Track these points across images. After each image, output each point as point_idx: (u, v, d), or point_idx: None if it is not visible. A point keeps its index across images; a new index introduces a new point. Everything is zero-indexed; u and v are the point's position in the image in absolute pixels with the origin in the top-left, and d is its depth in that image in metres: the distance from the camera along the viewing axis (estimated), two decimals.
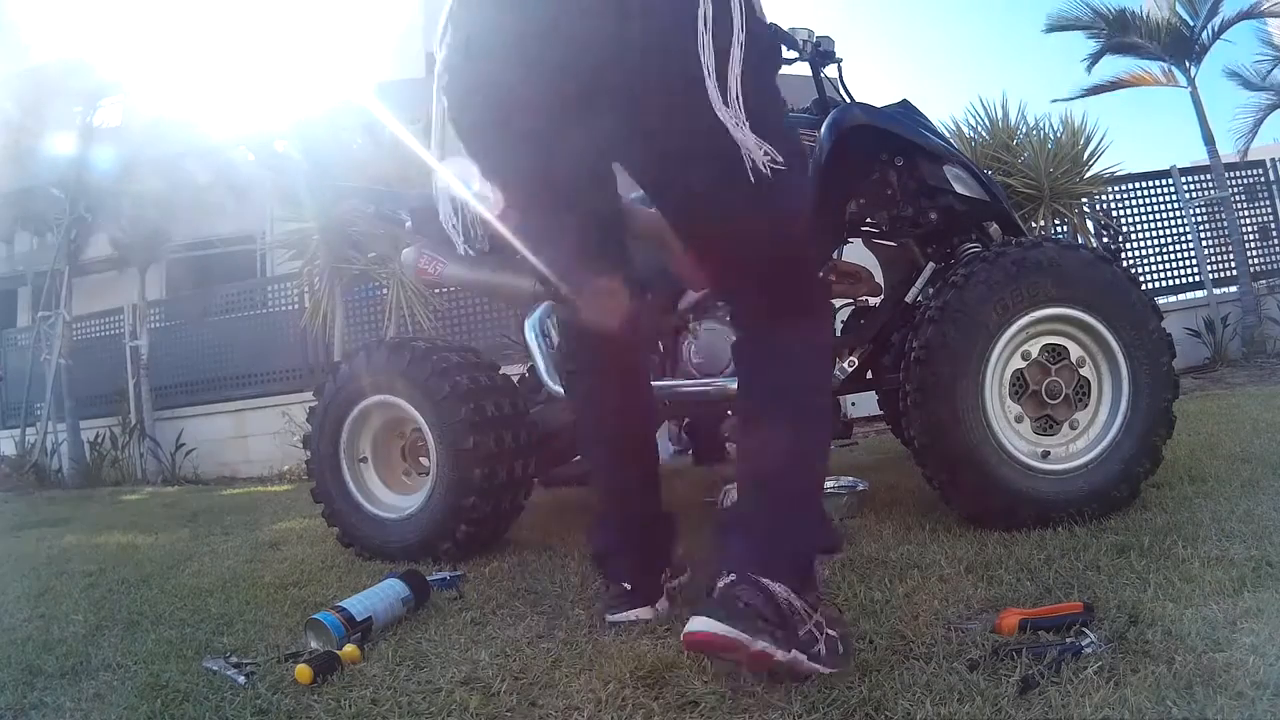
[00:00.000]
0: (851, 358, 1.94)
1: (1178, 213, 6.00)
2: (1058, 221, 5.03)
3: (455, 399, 1.83)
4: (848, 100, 1.97)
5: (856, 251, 2.16)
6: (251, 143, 7.27)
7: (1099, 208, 5.53)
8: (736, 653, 0.92)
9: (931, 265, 1.94)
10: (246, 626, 1.45)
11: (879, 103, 1.89)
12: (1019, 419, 1.67)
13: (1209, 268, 5.92)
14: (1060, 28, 6.45)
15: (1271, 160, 6.34)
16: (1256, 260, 6.06)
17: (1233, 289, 5.88)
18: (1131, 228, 5.90)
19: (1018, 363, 1.67)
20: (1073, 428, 1.69)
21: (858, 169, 1.90)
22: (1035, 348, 1.67)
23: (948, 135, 2.43)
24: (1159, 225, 5.99)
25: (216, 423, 6.33)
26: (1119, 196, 5.89)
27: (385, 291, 5.32)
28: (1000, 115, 4.96)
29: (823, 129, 1.83)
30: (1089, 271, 1.65)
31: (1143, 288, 1.72)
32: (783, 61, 1.38)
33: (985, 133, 4.96)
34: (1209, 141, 6.26)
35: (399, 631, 1.33)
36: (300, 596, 1.65)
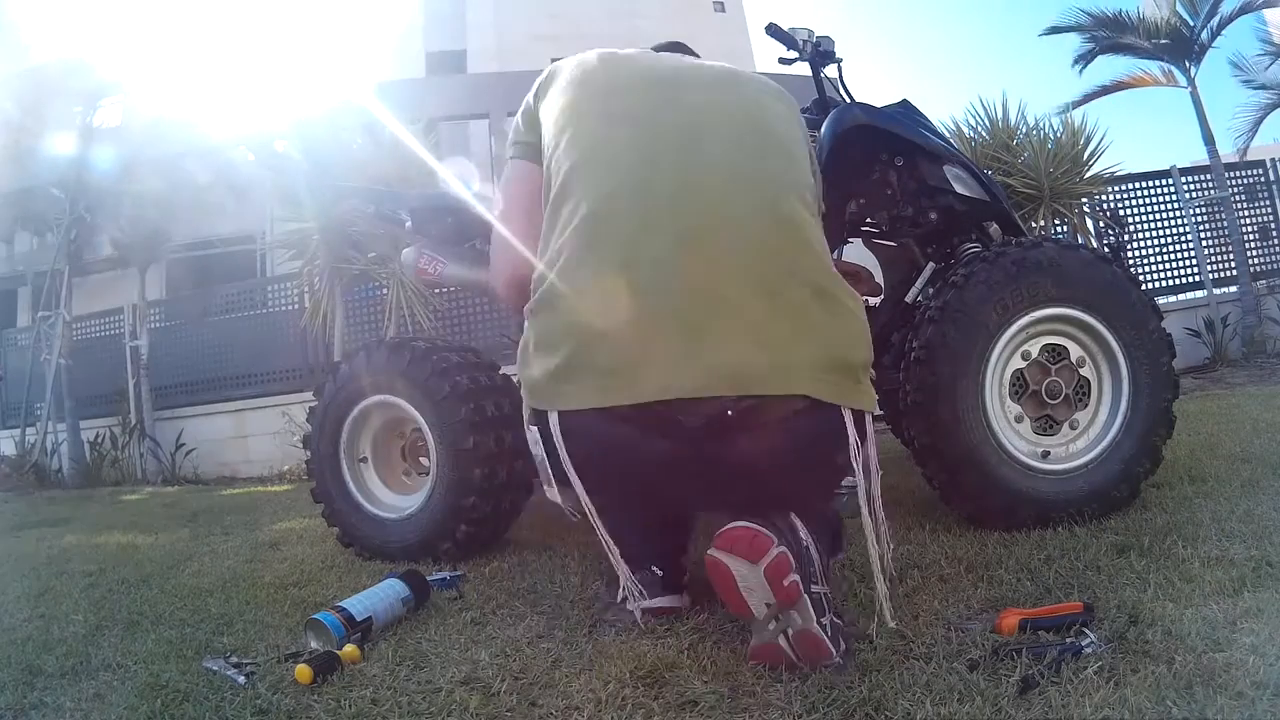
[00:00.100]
0: None
1: (1178, 213, 5.99)
2: (1058, 221, 5.02)
3: (455, 399, 1.83)
4: (848, 100, 1.97)
5: (856, 251, 2.15)
6: (251, 143, 7.29)
7: (1102, 207, 5.51)
8: (764, 553, 1.00)
9: (931, 265, 1.94)
10: (246, 626, 1.45)
11: (879, 103, 1.90)
12: (1019, 419, 1.67)
13: (1209, 268, 5.91)
14: (1057, 31, 6.45)
15: (1271, 160, 6.33)
16: (1256, 260, 6.05)
17: (1233, 289, 5.88)
18: (1132, 228, 5.89)
19: (1018, 363, 1.67)
20: (1073, 428, 1.69)
21: (858, 169, 1.90)
22: (1035, 348, 1.67)
23: (948, 135, 2.43)
24: (1159, 225, 5.99)
25: (216, 423, 6.33)
26: (1119, 196, 5.88)
27: (385, 291, 5.32)
28: (1000, 115, 4.95)
29: (823, 129, 1.83)
30: (1089, 271, 1.65)
31: (1143, 288, 1.72)
32: None
33: (985, 133, 4.95)
34: (1209, 141, 6.26)
35: (399, 631, 1.33)
36: (300, 596, 1.65)
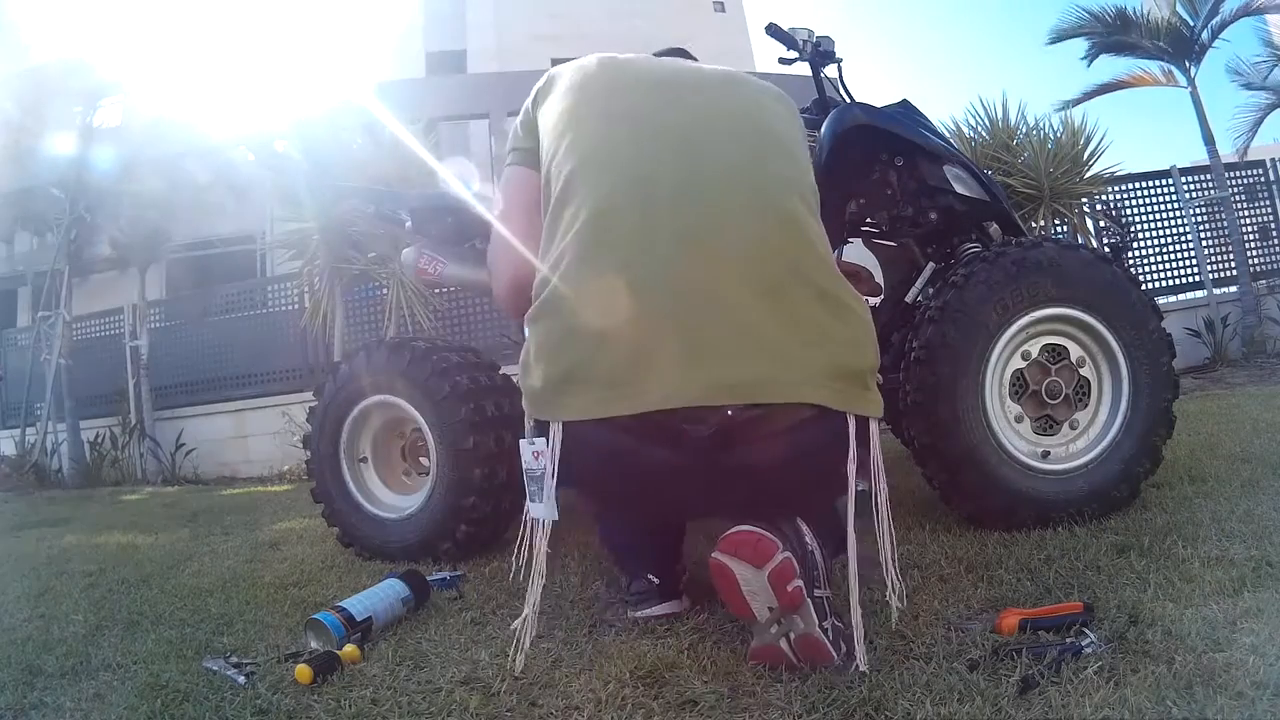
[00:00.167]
0: None
1: (1178, 213, 5.99)
2: (1058, 221, 5.02)
3: (455, 399, 1.83)
4: (848, 100, 1.97)
5: (856, 251, 2.15)
6: (251, 143, 7.28)
7: (1102, 206, 5.51)
8: (768, 558, 0.99)
9: (931, 265, 1.94)
10: (246, 626, 1.45)
11: (879, 103, 1.90)
12: (1019, 419, 1.67)
13: (1209, 268, 5.91)
14: (1061, 38, 6.44)
15: (1271, 160, 6.33)
16: (1256, 260, 6.05)
17: (1233, 289, 5.87)
18: (1132, 228, 5.89)
19: (1018, 363, 1.67)
20: (1073, 428, 1.69)
21: (858, 169, 1.90)
22: (1035, 348, 1.67)
23: (948, 135, 2.43)
24: (1159, 225, 5.98)
25: (216, 423, 6.33)
26: (1119, 196, 5.88)
27: (385, 291, 5.31)
28: (1000, 115, 4.95)
29: (823, 129, 1.83)
30: (1089, 271, 1.65)
31: (1143, 288, 1.72)
32: None
33: (985, 133, 4.95)
34: (1209, 141, 6.26)
35: (399, 631, 1.33)
36: (300, 596, 1.65)
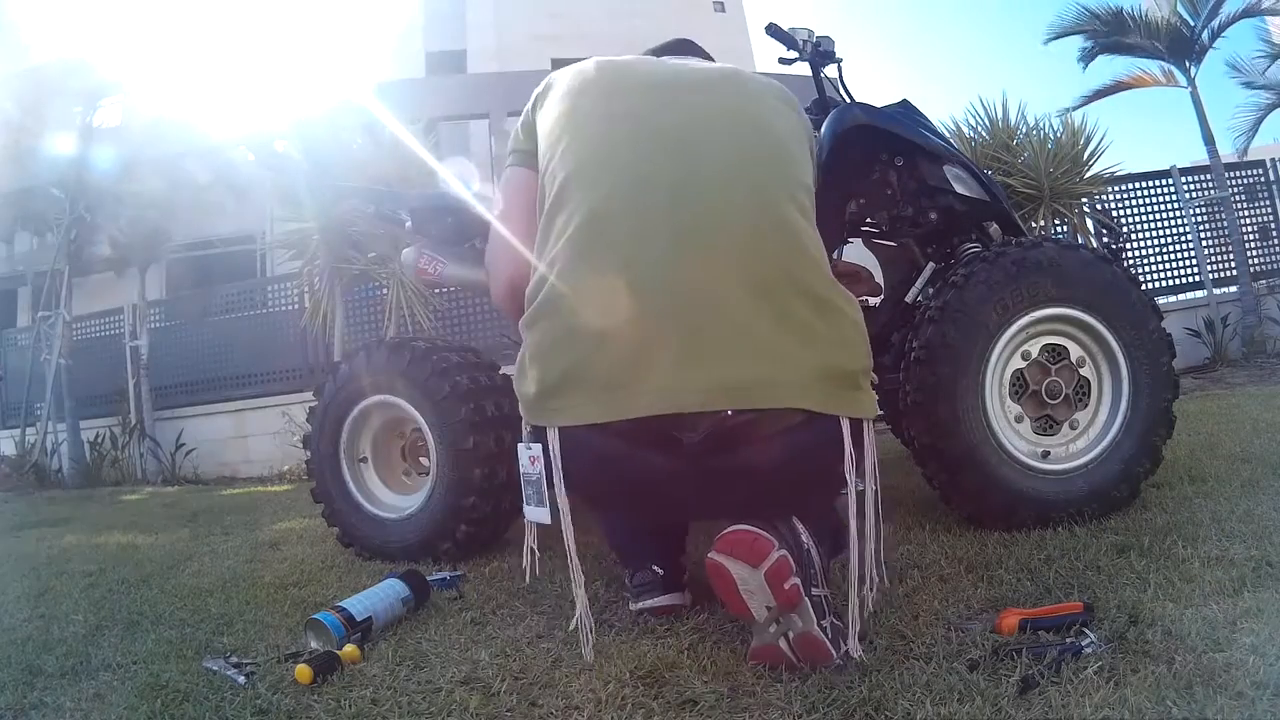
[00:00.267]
0: None
1: (1178, 213, 5.99)
2: (1058, 221, 5.02)
3: (455, 399, 1.83)
4: (848, 100, 1.97)
5: (856, 251, 2.15)
6: (251, 143, 7.27)
7: (1099, 206, 5.51)
8: (764, 557, 0.98)
9: (931, 265, 1.94)
10: (246, 626, 1.45)
11: (879, 103, 1.90)
12: (1019, 419, 1.67)
13: (1209, 268, 5.91)
14: (1059, 35, 6.44)
15: (1271, 160, 6.33)
16: (1256, 260, 6.05)
17: (1233, 289, 5.87)
18: (1132, 228, 5.89)
19: (1018, 363, 1.67)
20: (1073, 428, 1.69)
21: (858, 169, 1.90)
22: (1035, 348, 1.67)
23: (948, 135, 2.43)
24: (1159, 225, 5.98)
25: (216, 423, 6.33)
26: (1119, 196, 5.88)
27: (385, 291, 5.31)
28: (1000, 115, 4.94)
29: (823, 129, 1.83)
30: (1089, 271, 1.65)
31: (1143, 288, 1.72)
32: None
33: (985, 133, 4.94)
34: (1209, 141, 6.26)
35: (399, 631, 1.33)
36: (300, 596, 1.65)
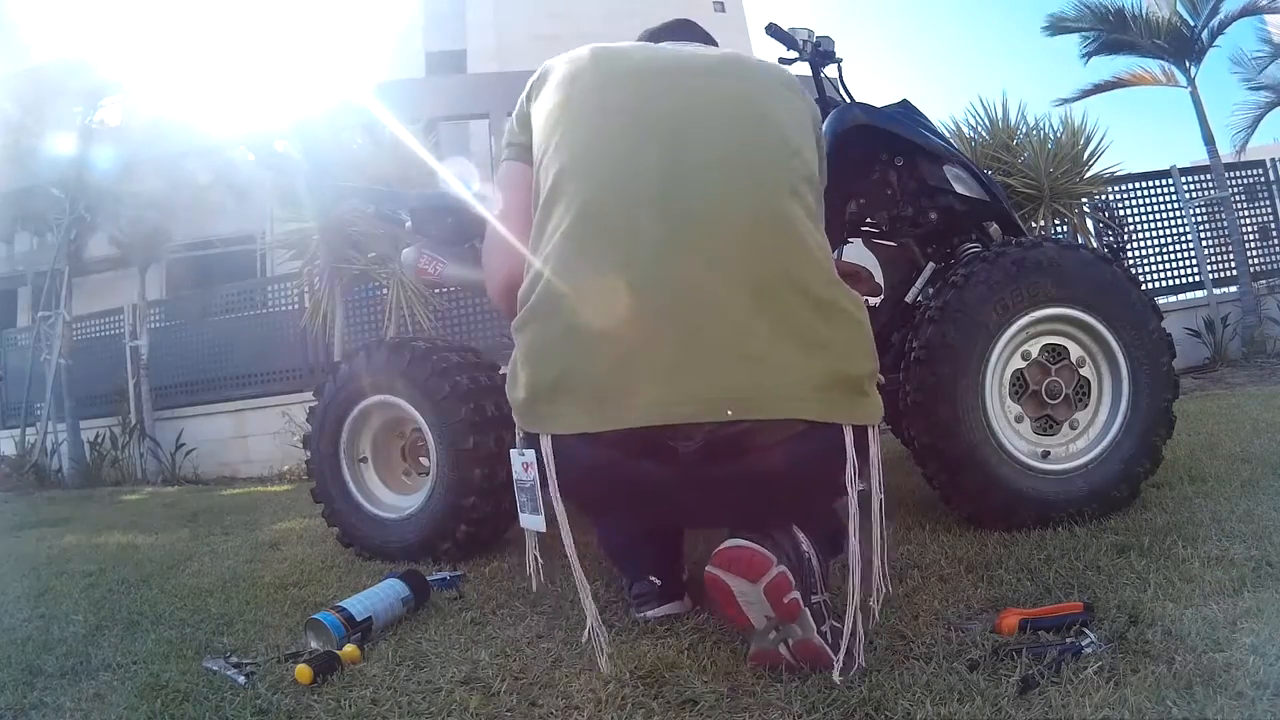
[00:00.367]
0: None
1: (1178, 213, 5.98)
2: (1058, 221, 5.02)
3: (455, 399, 1.83)
4: (848, 100, 1.97)
5: (856, 251, 2.15)
6: (251, 143, 7.28)
7: (1100, 200, 5.50)
8: (763, 572, 0.97)
9: (931, 265, 1.94)
10: (246, 626, 1.45)
11: (879, 103, 1.90)
12: (1019, 419, 1.67)
13: (1209, 268, 5.91)
14: (1060, 31, 6.44)
15: (1271, 160, 6.32)
16: (1256, 260, 6.05)
17: (1233, 289, 5.87)
18: (1132, 228, 5.89)
19: (1018, 363, 1.67)
20: (1073, 428, 1.69)
21: (858, 169, 1.90)
22: (1035, 348, 1.67)
23: (948, 135, 2.43)
24: (1159, 225, 5.98)
25: (216, 423, 6.33)
26: (1119, 196, 5.88)
27: (385, 291, 5.31)
28: (1000, 115, 4.94)
29: (823, 129, 1.83)
30: (1089, 271, 1.65)
31: (1143, 288, 1.72)
32: None
33: (985, 133, 4.94)
34: (1209, 141, 6.25)
35: (399, 631, 1.33)
36: (300, 596, 1.65)
